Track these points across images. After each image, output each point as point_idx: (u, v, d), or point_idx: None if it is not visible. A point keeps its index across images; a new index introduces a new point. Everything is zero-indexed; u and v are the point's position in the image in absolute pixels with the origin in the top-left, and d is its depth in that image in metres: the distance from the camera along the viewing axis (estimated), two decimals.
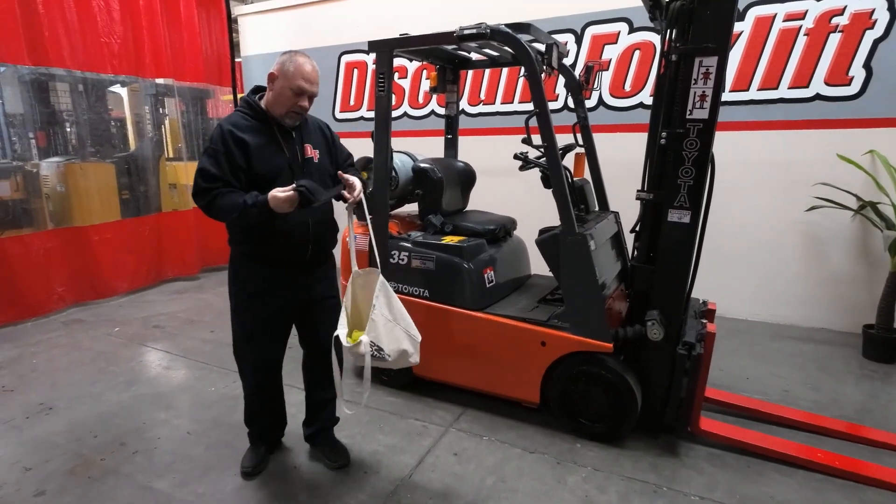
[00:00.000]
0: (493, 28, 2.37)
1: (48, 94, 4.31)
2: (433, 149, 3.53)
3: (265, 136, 1.96)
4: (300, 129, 2.06)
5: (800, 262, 3.86)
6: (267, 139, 1.96)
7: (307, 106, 1.97)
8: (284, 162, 1.98)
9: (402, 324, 1.95)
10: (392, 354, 1.92)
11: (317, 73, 1.97)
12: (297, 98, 1.92)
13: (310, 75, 1.93)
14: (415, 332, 1.98)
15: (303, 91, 1.92)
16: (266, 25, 5.91)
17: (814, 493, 2.09)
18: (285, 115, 1.96)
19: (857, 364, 3.28)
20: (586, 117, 3.05)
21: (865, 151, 3.50)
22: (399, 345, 1.92)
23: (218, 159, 1.88)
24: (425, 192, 2.97)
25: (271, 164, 1.95)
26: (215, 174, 1.87)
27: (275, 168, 1.95)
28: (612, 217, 3.03)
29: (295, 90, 1.90)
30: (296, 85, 1.90)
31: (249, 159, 1.91)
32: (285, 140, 2.00)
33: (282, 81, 1.91)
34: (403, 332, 1.94)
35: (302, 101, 1.94)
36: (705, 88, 2.06)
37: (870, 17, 3.41)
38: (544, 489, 2.13)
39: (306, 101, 1.95)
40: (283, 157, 1.98)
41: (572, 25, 4.30)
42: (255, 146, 1.91)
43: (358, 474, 2.23)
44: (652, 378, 2.38)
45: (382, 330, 1.90)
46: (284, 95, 1.92)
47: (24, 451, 2.42)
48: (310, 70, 1.93)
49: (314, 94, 1.97)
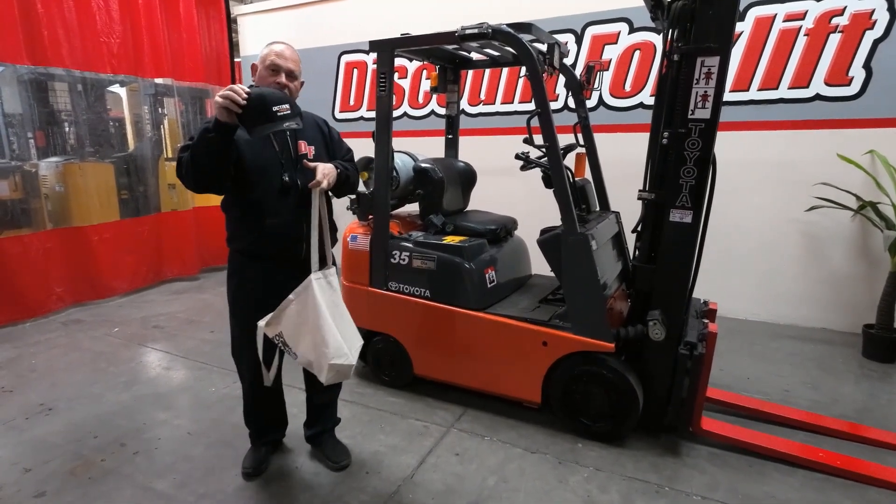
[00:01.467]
0: (494, 28, 2.37)
1: (47, 93, 4.30)
2: (434, 149, 3.52)
3: None
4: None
5: (800, 261, 3.86)
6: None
7: (285, 82, 1.93)
8: (275, 156, 1.96)
9: (314, 335, 1.84)
10: (299, 356, 1.88)
11: (292, 51, 1.97)
12: (273, 76, 1.91)
13: (282, 52, 1.94)
14: (329, 349, 1.82)
15: (277, 67, 1.91)
16: (265, 25, 5.90)
17: (815, 492, 2.09)
18: None
19: (857, 364, 3.29)
20: (587, 117, 3.05)
21: (865, 151, 3.50)
22: (307, 353, 1.86)
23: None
24: (426, 192, 2.97)
25: (261, 158, 1.93)
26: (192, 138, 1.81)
27: (264, 162, 1.94)
28: (614, 217, 3.02)
29: (270, 67, 1.91)
30: (269, 62, 1.91)
31: (239, 152, 1.88)
32: (276, 135, 1.97)
33: (260, 65, 1.95)
34: (312, 343, 1.84)
35: (278, 77, 1.92)
36: (707, 88, 2.06)
37: (870, 17, 3.41)
38: (546, 489, 2.13)
39: (283, 76, 1.92)
40: (273, 150, 1.96)
41: (572, 25, 4.31)
42: (244, 139, 1.87)
43: (359, 474, 2.22)
44: (653, 378, 2.37)
45: (292, 329, 1.87)
46: (263, 77, 1.93)
47: (23, 451, 2.41)
48: (282, 48, 1.95)
49: (291, 71, 1.95)
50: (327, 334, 1.83)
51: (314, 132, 2.12)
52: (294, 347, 1.88)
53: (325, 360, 1.81)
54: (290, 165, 1.99)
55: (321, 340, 1.82)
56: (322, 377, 1.85)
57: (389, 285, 2.84)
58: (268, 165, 1.94)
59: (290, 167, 1.98)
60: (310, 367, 1.90)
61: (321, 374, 1.85)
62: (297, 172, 1.99)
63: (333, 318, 1.88)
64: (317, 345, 1.84)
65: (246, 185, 1.93)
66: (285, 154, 1.99)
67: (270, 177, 1.95)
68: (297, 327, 1.87)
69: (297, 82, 2.00)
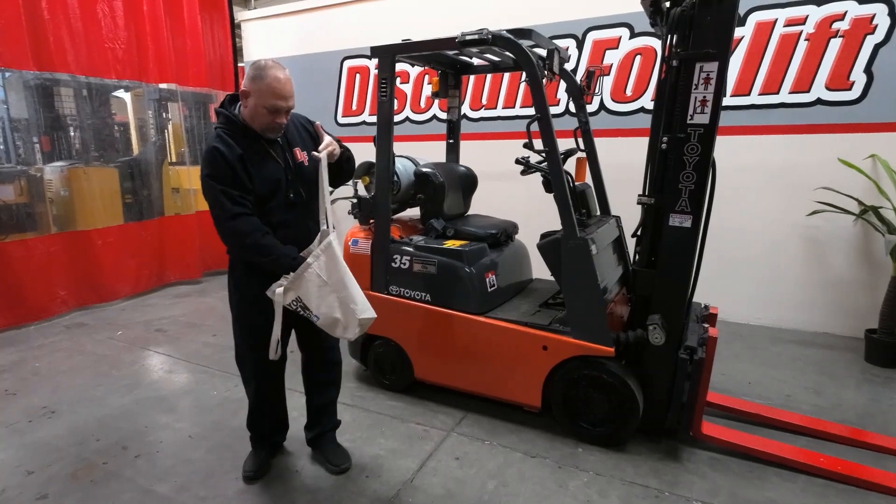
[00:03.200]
0: (494, 34, 2.38)
1: (52, 99, 4.34)
2: (435, 153, 3.54)
3: (255, 150, 1.91)
4: (284, 135, 2.00)
5: (802, 266, 3.85)
6: (258, 153, 1.91)
7: (284, 121, 1.90)
8: (280, 173, 1.95)
9: (340, 293, 1.89)
10: (321, 317, 1.91)
11: (290, 84, 1.87)
12: (273, 116, 1.86)
13: (282, 91, 1.83)
14: (357, 305, 1.91)
15: (278, 109, 1.85)
16: (269, 30, 5.94)
17: (816, 497, 2.09)
18: (266, 131, 1.90)
19: (859, 368, 3.27)
20: (587, 122, 3.06)
21: (867, 156, 3.50)
22: (331, 312, 1.90)
23: (232, 185, 1.83)
24: (427, 197, 2.98)
25: (269, 179, 1.92)
26: (236, 197, 1.83)
27: (273, 182, 1.93)
28: (614, 221, 3.03)
29: (270, 109, 1.84)
30: (270, 104, 1.83)
31: (252, 177, 1.88)
32: (274, 150, 1.96)
33: (255, 99, 1.83)
34: (336, 301, 1.89)
35: (279, 118, 1.87)
36: (706, 93, 2.06)
37: (870, 21, 3.42)
38: (546, 493, 2.13)
39: (283, 117, 1.88)
40: (278, 168, 1.95)
41: (574, 31, 4.32)
42: (251, 163, 1.87)
43: (359, 478, 2.23)
44: (653, 382, 2.37)
45: (314, 290, 1.88)
46: (260, 114, 1.85)
47: (26, 454, 2.42)
48: (283, 87, 1.83)
49: (291, 108, 1.91)
50: (354, 290, 1.91)
51: (302, 135, 2.09)
52: (315, 310, 1.90)
53: (353, 317, 1.88)
54: (295, 178, 1.99)
55: (348, 297, 1.89)
56: (349, 333, 1.92)
57: (390, 289, 2.85)
58: (276, 183, 1.95)
59: (295, 180, 1.99)
60: (332, 326, 1.93)
61: (348, 330, 1.91)
62: (302, 183, 2.00)
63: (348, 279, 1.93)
64: (343, 302, 1.89)
65: (257, 204, 1.92)
66: (287, 166, 1.98)
67: (279, 196, 1.96)
68: (319, 288, 1.88)
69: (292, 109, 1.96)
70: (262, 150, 1.93)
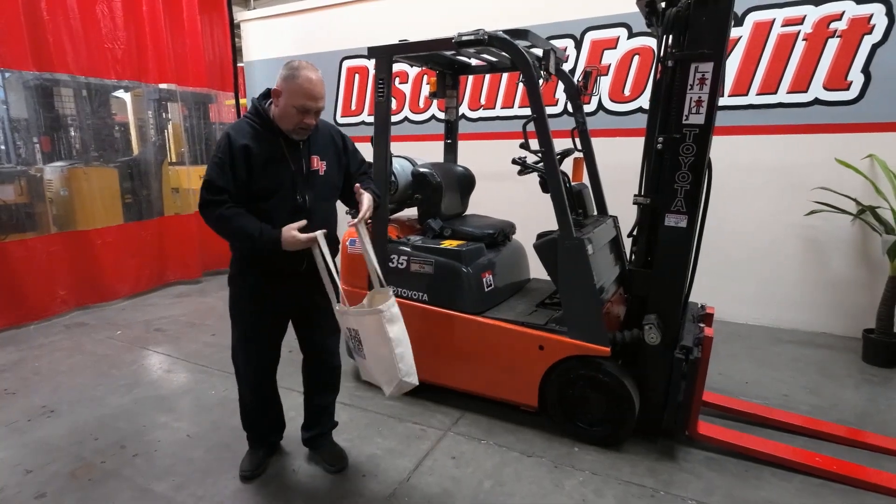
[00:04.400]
0: (491, 34, 2.39)
1: (52, 99, 4.35)
2: (435, 153, 3.55)
3: (271, 147, 1.91)
4: (308, 140, 2.00)
5: (800, 266, 3.86)
6: (273, 150, 1.91)
7: (314, 122, 1.91)
8: (288, 175, 1.93)
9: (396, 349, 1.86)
10: (368, 360, 1.93)
11: (322, 85, 1.88)
12: (302, 116, 1.86)
13: (314, 92, 1.84)
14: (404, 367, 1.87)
15: (308, 109, 1.86)
16: (269, 31, 5.95)
17: (812, 497, 2.09)
18: (293, 131, 1.91)
19: (857, 368, 3.28)
20: (585, 122, 3.06)
21: (864, 156, 3.50)
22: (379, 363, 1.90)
23: (224, 170, 1.85)
24: (424, 197, 2.99)
25: (274, 178, 1.91)
26: (221, 186, 1.85)
27: (277, 181, 1.91)
28: (611, 221, 3.04)
29: (300, 109, 1.85)
30: (300, 104, 1.84)
31: (252, 171, 1.87)
32: (291, 152, 1.94)
33: (286, 99, 1.85)
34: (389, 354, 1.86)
35: (308, 118, 1.88)
36: (701, 94, 2.07)
37: (868, 21, 3.42)
38: (542, 493, 2.13)
39: (312, 118, 1.89)
40: (288, 170, 1.93)
41: (572, 31, 4.33)
42: (259, 158, 1.87)
43: (356, 477, 2.24)
44: (650, 382, 2.38)
45: (373, 335, 1.87)
46: (289, 113, 1.86)
47: (25, 453, 2.44)
48: (314, 87, 1.84)
49: (321, 110, 1.91)
50: (407, 351, 1.90)
51: (327, 145, 2.06)
52: (366, 350, 1.92)
53: (396, 376, 1.87)
54: (303, 184, 1.96)
55: (401, 356, 1.87)
56: (385, 388, 1.93)
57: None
58: (282, 184, 1.92)
59: (303, 186, 1.96)
60: (371, 373, 1.97)
61: (387, 386, 1.91)
62: (309, 189, 1.97)
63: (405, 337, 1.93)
64: (394, 358, 1.86)
65: (259, 202, 1.91)
66: (299, 172, 1.96)
67: (284, 195, 1.93)
68: (378, 335, 1.86)
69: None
70: (277, 148, 1.92)
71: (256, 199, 1.91)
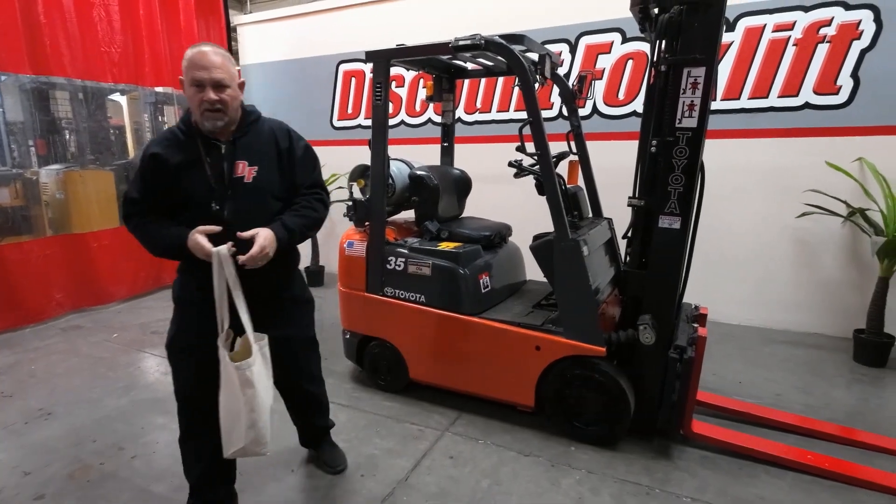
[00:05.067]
0: (487, 39, 2.42)
1: (48, 102, 4.35)
2: (431, 156, 3.57)
3: (187, 152, 1.70)
4: (236, 141, 1.74)
5: (792, 267, 3.91)
6: (188, 156, 1.70)
7: (213, 97, 1.62)
8: (202, 183, 1.69)
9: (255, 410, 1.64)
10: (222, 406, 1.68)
11: (219, 56, 1.63)
12: (199, 92, 1.62)
13: (202, 61, 1.60)
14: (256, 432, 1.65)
15: (200, 81, 1.61)
16: (265, 34, 5.97)
17: (804, 494, 2.13)
18: (203, 119, 1.67)
19: (848, 368, 3.32)
20: (580, 125, 3.10)
21: (854, 159, 3.56)
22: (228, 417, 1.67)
23: (136, 181, 1.72)
24: (422, 199, 3.01)
25: (187, 186, 1.69)
26: (134, 198, 1.72)
27: (190, 190, 1.69)
28: (606, 223, 3.07)
29: (192, 83, 1.62)
30: (190, 77, 1.62)
31: (164, 180, 1.68)
32: (210, 156, 1.71)
33: (184, 82, 1.66)
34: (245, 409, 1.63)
35: (204, 93, 1.62)
36: (694, 98, 2.11)
37: (856, 27, 3.48)
38: (539, 492, 2.16)
39: (210, 92, 1.62)
40: (203, 177, 1.69)
41: (567, 35, 4.38)
42: (175, 165, 1.67)
43: (354, 477, 2.25)
44: (645, 382, 2.41)
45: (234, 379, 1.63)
46: (190, 96, 1.65)
47: (23, 455, 2.44)
48: (203, 56, 1.61)
49: (219, 81, 1.62)
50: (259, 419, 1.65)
51: (263, 148, 1.78)
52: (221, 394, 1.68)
53: (241, 440, 1.65)
54: (221, 193, 1.70)
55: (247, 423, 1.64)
56: (227, 450, 1.68)
57: (385, 291, 2.88)
58: (196, 193, 1.69)
59: (221, 195, 1.70)
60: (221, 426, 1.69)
61: (228, 446, 1.68)
62: (231, 199, 1.71)
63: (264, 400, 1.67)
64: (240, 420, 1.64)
65: (177, 214, 1.71)
66: (218, 178, 1.71)
67: (198, 205, 1.69)
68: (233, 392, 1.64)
69: (231, 90, 1.67)
70: (193, 153, 1.70)
71: (174, 211, 1.72)
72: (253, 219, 1.71)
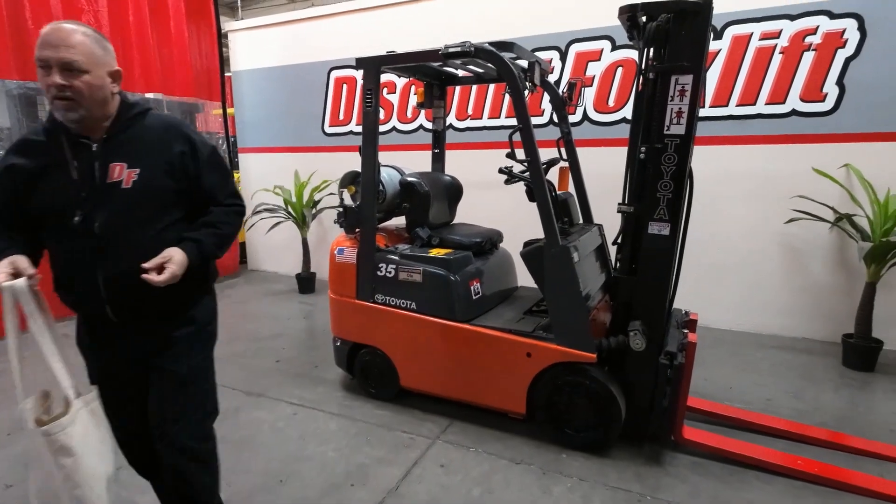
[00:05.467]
0: (477, 46, 2.43)
1: (36, 108, 4.32)
2: (423, 163, 3.58)
3: (47, 154, 1.42)
4: (110, 139, 1.44)
5: (780, 273, 3.94)
6: (49, 158, 1.42)
7: (59, 82, 1.31)
8: (65, 191, 1.40)
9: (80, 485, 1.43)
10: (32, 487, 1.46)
11: (78, 34, 1.34)
12: (45, 76, 1.32)
13: (50, 38, 1.31)
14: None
15: (46, 61, 1.31)
16: (256, 41, 5.96)
17: (794, 499, 2.13)
18: (53, 109, 1.38)
19: (837, 373, 3.35)
20: (570, 132, 3.12)
21: (840, 165, 3.60)
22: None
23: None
24: (412, 206, 3.01)
25: (47, 195, 1.41)
26: None
27: (50, 198, 1.41)
28: (597, 229, 3.08)
29: (40, 65, 1.33)
30: (36, 57, 1.33)
31: (19, 188, 1.41)
32: (77, 157, 1.41)
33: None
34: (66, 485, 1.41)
35: (51, 76, 1.31)
36: (682, 105, 2.13)
37: (841, 36, 3.54)
38: (530, 499, 2.14)
39: (57, 75, 1.31)
40: (67, 182, 1.40)
41: (557, 43, 4.41)
42: (31, 171, 1.41)
43: (345, 486, 2.23)
44: (635, 388, 2.41)
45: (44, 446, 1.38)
46: (40, 81, 1.35)
47: (5, 468, 2.38)
48: (51, 32, 1.32)
49: (68, 63, 1.31)
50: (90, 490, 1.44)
51: (149, 146, 1.47)
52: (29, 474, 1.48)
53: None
54: (91, 200, 1.41)
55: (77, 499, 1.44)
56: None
57: (376, 298, 2.87)
58: (55, 202, 1.41)
59: (90, 203, 1.41)
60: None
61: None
62: (102, 209, 1.41)
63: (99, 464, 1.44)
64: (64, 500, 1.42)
65: (38, 229, 1.46)
66: (84, 184, 1.41)
67: (60, 216, 1.41)
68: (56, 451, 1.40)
69: (89, 77, 1.35)
70: (56, 155, 1.42)
71: (35, 226, 1.46)
72: (132, 234, 1.44)
